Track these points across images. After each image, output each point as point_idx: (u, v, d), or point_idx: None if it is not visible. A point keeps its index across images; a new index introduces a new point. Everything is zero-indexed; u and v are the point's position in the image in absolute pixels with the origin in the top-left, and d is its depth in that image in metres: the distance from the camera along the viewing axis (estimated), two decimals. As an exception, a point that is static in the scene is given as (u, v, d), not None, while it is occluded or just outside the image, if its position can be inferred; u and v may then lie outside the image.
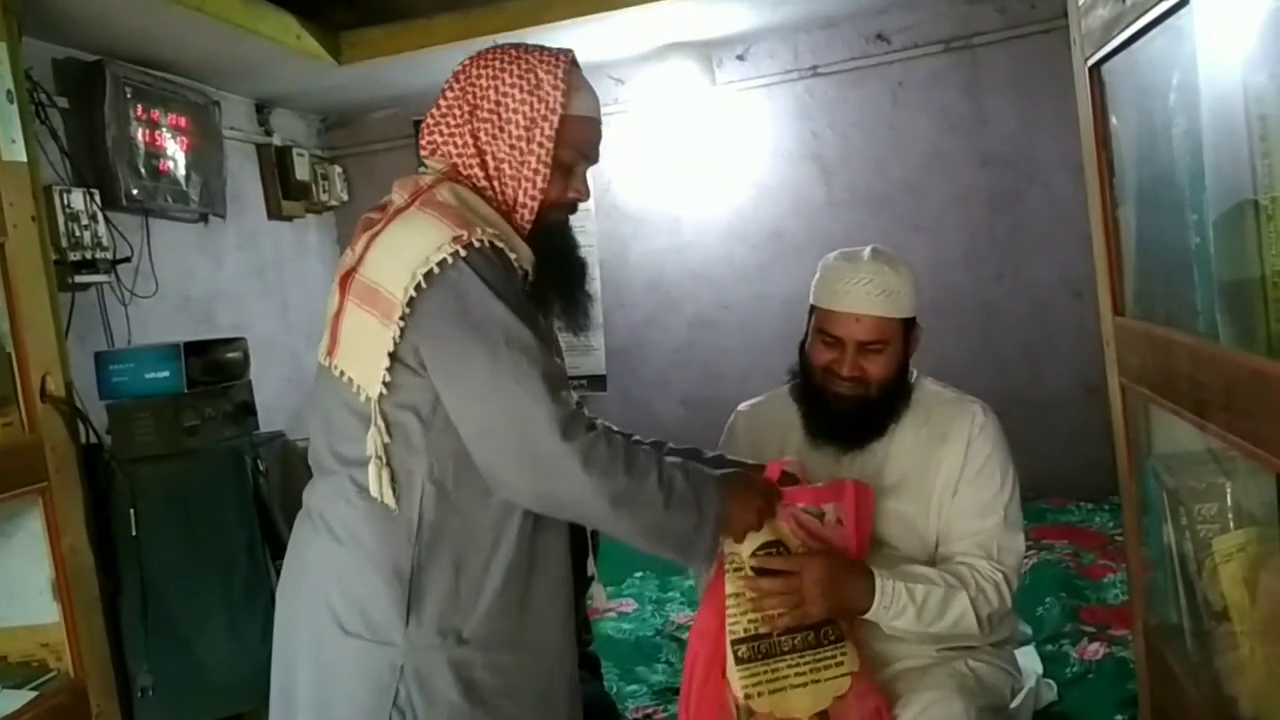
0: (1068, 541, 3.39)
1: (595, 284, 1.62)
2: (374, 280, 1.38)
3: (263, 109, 4.27)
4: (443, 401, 1.37)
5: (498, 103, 1.44)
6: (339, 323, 1.43)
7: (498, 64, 1.47)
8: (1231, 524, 1.45)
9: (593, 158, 1.52)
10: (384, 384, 1.36)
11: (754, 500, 1.58)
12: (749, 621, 1.67)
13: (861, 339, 1.81)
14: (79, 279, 2.96)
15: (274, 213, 4.32)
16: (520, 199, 1.45)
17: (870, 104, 4.17)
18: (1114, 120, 1.69)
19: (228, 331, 3.52)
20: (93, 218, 2.97)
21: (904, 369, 1.89)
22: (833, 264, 1.87)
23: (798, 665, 1.66)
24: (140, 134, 3.26)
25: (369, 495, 1.38)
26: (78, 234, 2.91)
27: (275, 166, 4.27)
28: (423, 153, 1.51)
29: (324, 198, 4.53)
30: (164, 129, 3.40)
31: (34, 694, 1.97)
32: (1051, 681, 2.38)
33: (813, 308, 1.90)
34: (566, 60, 1.48)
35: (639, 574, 3.58)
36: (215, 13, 2.94)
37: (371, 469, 1.37)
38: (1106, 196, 1.67)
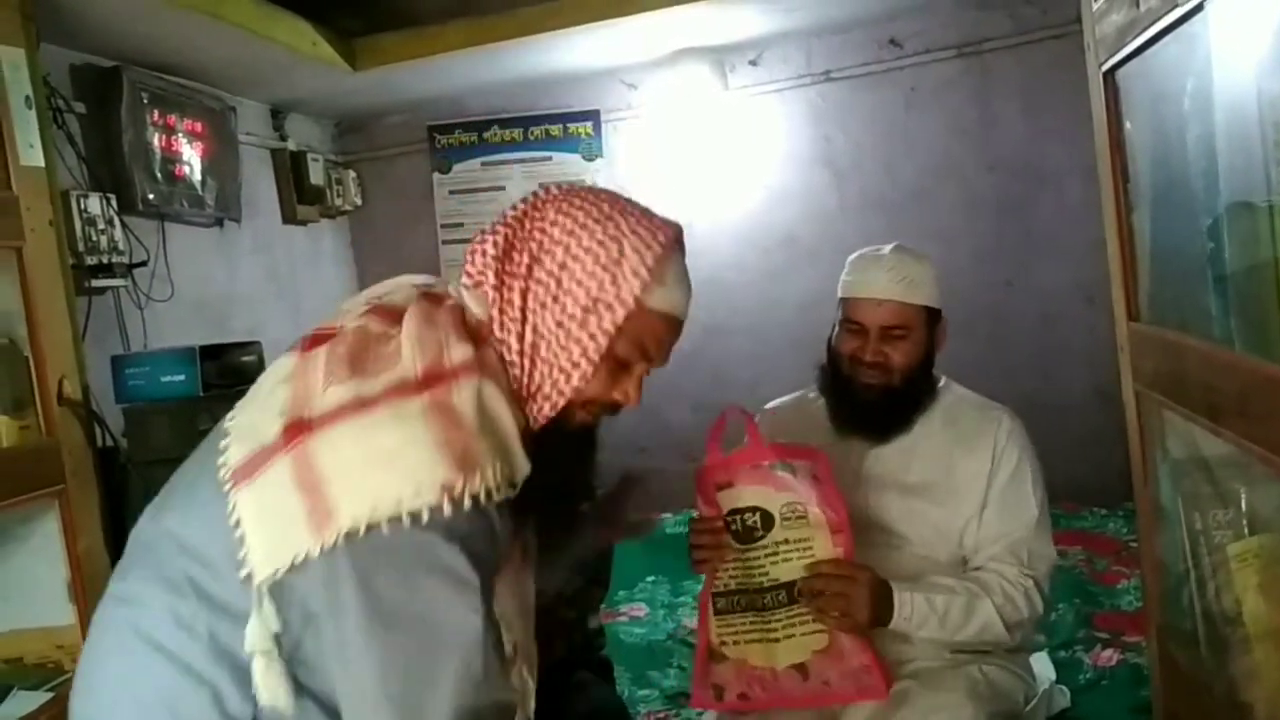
0: (1081, 547, 3.38)
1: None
2: (326, 473, 1.02)
3: (278, 114, 4.30)
4: (331, 675, 1.06)
5: (563, 264, 1.12)
6: (266, 464, 1.06)
7: (582, 214, 1.14)
8: (1246, 530, 1.45)
9: (658, 360, 1.18)
10: (275, 579, 1.03)
11: None
12: (730, 577, 1.78)
13: (884, 323, 1.87)
14: (95, 283, 2.98)
15: (288, 217, 4.34)
16: (545, 389, 1.14)
17: (883, 109, 4.17)
18: (1128, 125, 1.69)
19: (242, 335, 3.53)
20: (109, 222, 2.99)
21: (928, 362, 1.94)
22: (857, 257, 1.97)
23: (771, 619, 1.76)
24: (156, 139, 3.29)
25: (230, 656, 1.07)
26: (94, 238, 2.93)
27: (290, 171, 4.29)
28: (466, 280, 1.17)
29: (338, 202, 4.55)
30: (180, 134, 3.42)
31: (50, 695, 1.98)
32: (1064, 688, 2.38)
33: (840, 301, 1.96)
34: (668, 237, 1.16)
35: (651, 578, 3.58)
36: (232, 19, 2.96)
37: (258, 665, 1.06)
38: (1120, 201, 1.67)
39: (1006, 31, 4.00)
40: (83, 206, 2.89)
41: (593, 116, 4.36)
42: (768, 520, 1.76)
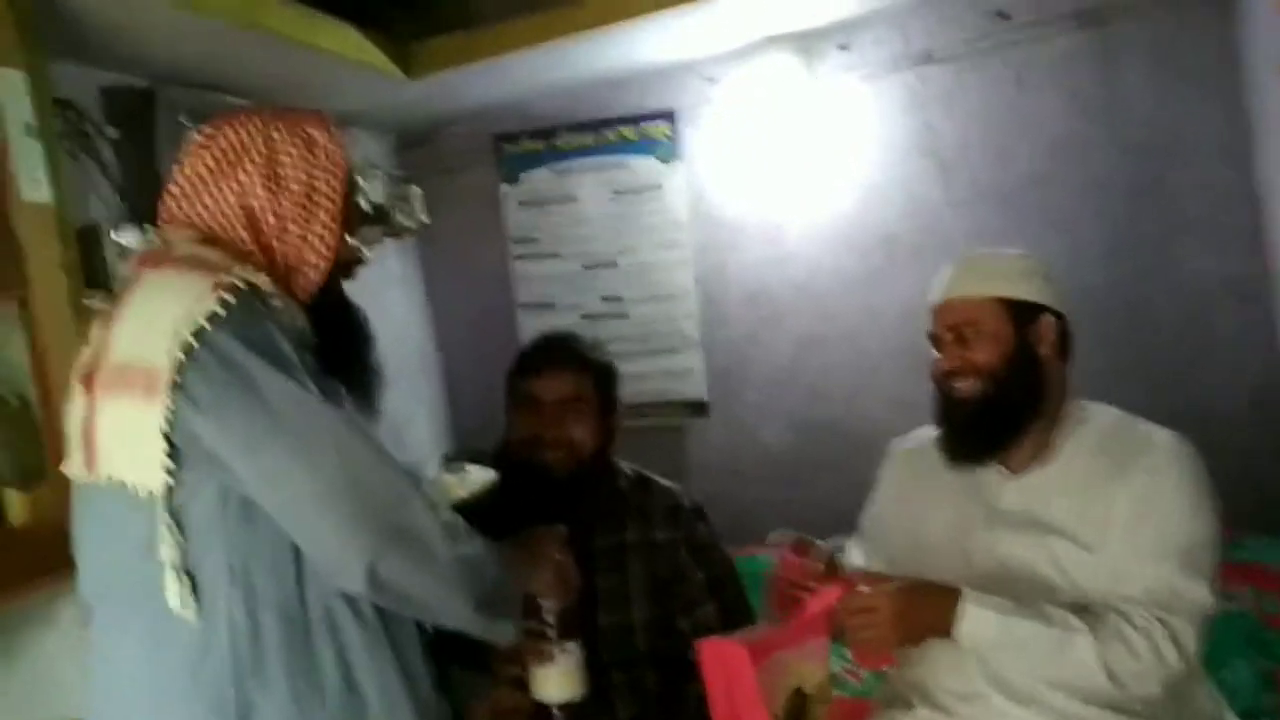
0: (1250, 586, 2.92)
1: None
2: (124, 360, 1.19)
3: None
4: (244, 479, 1.17)
5: (270, 159, 1.31)
6: (92, 427, 1.21)
7: (256, 122, 1.35)
8: None
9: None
10: (167, 471, 1.16)
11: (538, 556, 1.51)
12: None
13: (949, 324, 1.77)
14: (136, 321, 2.77)
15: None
16: (308, 258, 1.33)
17: (992, 90, 3.74)
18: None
19: (299, 369, 3.30)
20: (148, 255, 2.77)
21: (1029, 365, 1.72)
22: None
23: None
24: (199, 163, 3.06)
25: (172, 618, 1.17)
26: (131, 274, 2.71)
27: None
28: (161, 222, 1.39)
29: (402, 220, 4.29)
30: (225, 156, 3.19)
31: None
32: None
33: None
34: (328, 119, 1.41)
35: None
36: (267, 26, 2.72)
37: (169, 578, 1.16)
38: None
39: (1133, -4, 3.54)
40: (116, 239, 2.66)
41: (669, 115, 4.02)
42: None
